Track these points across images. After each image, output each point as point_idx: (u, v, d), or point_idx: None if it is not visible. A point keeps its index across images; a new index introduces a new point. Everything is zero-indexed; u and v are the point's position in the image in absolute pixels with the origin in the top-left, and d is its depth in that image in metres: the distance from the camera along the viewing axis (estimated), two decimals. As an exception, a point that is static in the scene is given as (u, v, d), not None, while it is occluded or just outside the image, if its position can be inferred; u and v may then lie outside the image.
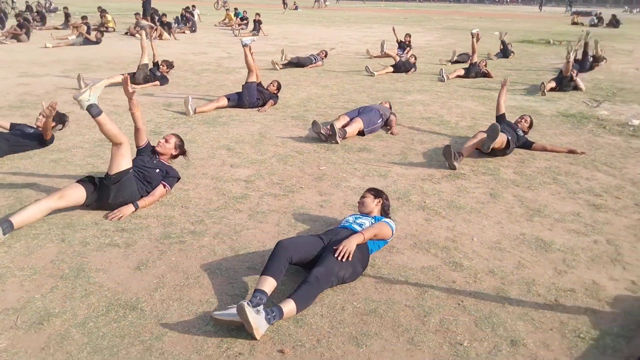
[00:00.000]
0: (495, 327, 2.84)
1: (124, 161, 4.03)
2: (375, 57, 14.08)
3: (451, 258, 3.56)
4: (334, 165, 5.36)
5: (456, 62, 13.37)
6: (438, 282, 3.27)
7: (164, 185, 4.37)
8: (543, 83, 9.55)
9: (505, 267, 3.47)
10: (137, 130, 4.52)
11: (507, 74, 12.05)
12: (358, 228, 3.45)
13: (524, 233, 3.98)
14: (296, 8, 40.34)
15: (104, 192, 4.03)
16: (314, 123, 6.12)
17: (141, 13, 19.00)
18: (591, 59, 12.89)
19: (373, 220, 3.53)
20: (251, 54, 7.57)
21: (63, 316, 2.80)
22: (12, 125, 5.57)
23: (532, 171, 5.35)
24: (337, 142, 6.01)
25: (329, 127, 6.00)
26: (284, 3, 39.41)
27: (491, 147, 5.43)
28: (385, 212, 3.79)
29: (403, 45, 14.76)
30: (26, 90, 8.51)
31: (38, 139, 5.44)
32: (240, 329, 2.69)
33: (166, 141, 4.62)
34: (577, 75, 10.15)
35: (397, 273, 3.35)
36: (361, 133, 6.40)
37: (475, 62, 11.20)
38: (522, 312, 2.98)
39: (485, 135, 5.59)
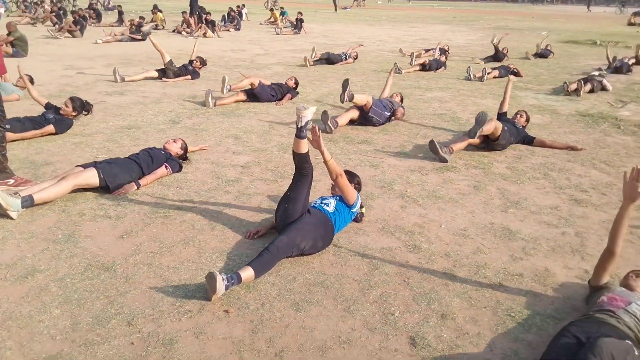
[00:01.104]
0: (431, 302, 3.02)
1: (89, 176, 4.30)
2: (408, 55, 14.15)
3: (412, 241, 3.75)
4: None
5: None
6: (392, 261, 3.47)
7: (166, 167, 4.80)
8: (566, 82, 9.42)
9: (461, 252, 3.62)
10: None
11: (539, 73, 11.91)
12: (325, 207, 3.70)
13: (493, 222, 4.10)
14: (345, 7, 40.57)
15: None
16: (324, 113, 6.43)
17: (188, 12, 19.74)
18: (632, 61, 12.63)
19: (337, 198, 3.77)
20: (231, 87, 8.25)
21: (46, 272, 3.19)
22: (47, 105, 6.32)
23: (526, 167, 5.41)
24: (329, 132, 6.28)
25: (320, 114, 6.31)
26: (335, 4, 39.68)
27: (482, 135, 5.45)
28: (356, 194, 4.00)
29: (442, 51, 14.67)
30: (67, 82, 9.18)
31: (55, 123, 5.98)
32: (195, 291, 3.02)
33: (174, 141, 5.15)
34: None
35: (355, 251, 3.57)
36: (363, 119, 6.61)
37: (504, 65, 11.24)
38: (461, 291, 3.14)
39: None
